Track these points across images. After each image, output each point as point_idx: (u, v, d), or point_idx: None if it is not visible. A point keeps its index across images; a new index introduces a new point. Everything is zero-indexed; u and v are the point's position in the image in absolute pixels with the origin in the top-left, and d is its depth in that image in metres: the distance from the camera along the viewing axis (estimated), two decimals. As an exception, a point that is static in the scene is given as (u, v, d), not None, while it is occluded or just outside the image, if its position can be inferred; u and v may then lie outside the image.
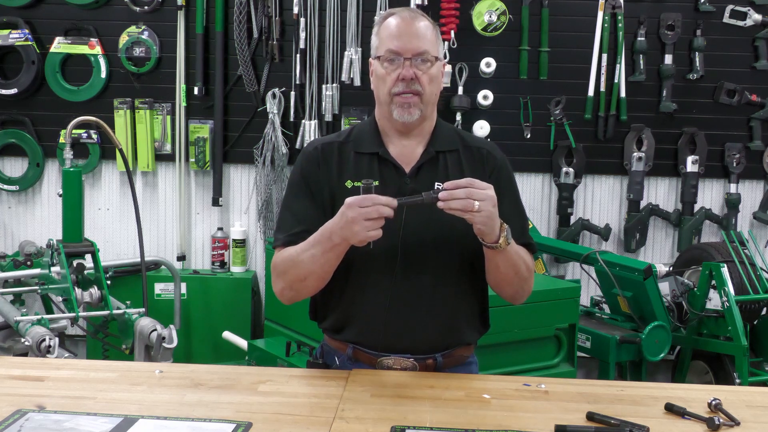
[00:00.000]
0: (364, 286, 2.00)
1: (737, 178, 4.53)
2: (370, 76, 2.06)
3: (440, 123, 2.09)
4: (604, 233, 4.56)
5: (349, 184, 2.00)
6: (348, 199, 1.80)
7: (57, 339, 3.07)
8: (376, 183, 1.85)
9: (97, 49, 4.49)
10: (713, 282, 3.73)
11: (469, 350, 2.12)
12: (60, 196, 3.48)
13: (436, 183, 1.98)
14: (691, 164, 4.50)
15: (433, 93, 2.01)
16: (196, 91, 4.48)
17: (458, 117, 4.43)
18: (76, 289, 3.29)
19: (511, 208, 2.04)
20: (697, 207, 4.56)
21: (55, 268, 3.44)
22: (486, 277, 2.02)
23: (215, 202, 4.59)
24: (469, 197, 1.79)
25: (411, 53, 1.95)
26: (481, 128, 4.43)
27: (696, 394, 1.83)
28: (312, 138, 4.45)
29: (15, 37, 4.47)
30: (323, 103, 4.48)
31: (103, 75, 4.50)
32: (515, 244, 1.95)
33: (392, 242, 1.95)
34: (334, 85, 4.48)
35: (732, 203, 4.53)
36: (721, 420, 1.67)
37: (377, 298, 1.98)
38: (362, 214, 1.78)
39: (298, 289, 1.98)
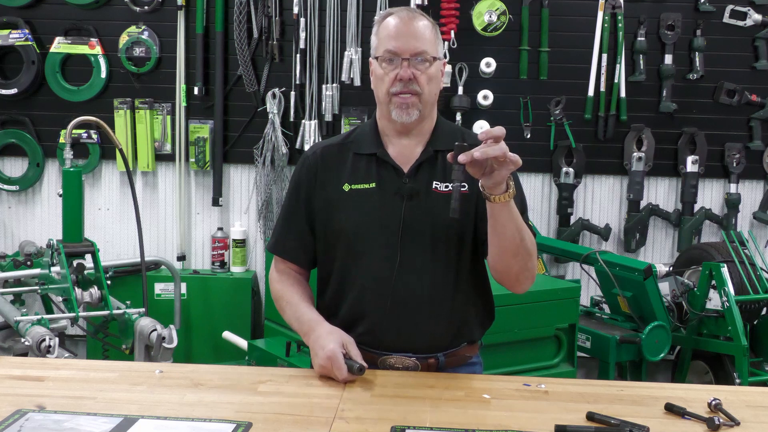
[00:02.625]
0: (366, 286, 2.00)
1: (737, 178, 4.53)
2: (370, 76, 2.06)
3: (441, 122, 2.09)
4: (604, 233, 4.56)
5: (346, 187, 2.01)
6: (329, 353, 1.87)
7: (57, 339, 3.06)
8: (365, 367, 1.88)
9: (97, 49, 4.49)
10: (713, 282, 3.73)
11: (474, 350, 2.12)
12: (60, 196, 3.47)
13: (434, 185, 1.99)
14: (691, 164, 4.50)
15: (432, 93, 2.00)
16: (196, 91, 4.49)
17: (458, 117, 4.43)
18: (76, 289, 3.29)
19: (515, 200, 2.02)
20: (697, 207, 4.56)
21: (55, 268, 3.43)
22: (489, 256, 1.95)
23: (215, 202, 4.59)
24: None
25: (409, 53, 1.95)
26: (481, 128, 4.43)
27: (696, 394, 1.83)
28: (312, 138, 4.45)
29: (15, 37, 4.47)
30: (323, 103, 4.48)
31: (103, 75, 4.51)
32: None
33: (392, 240, 1.96)
34: (334, 85, 4.48)
35: (732, 203, 4.53)
36: (721, 420, 1.67)
37: (379, 298, 1.99)
38: (327, 373, 1.87)
39: None
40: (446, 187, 1.99)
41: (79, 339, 4.57)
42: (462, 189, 1.83)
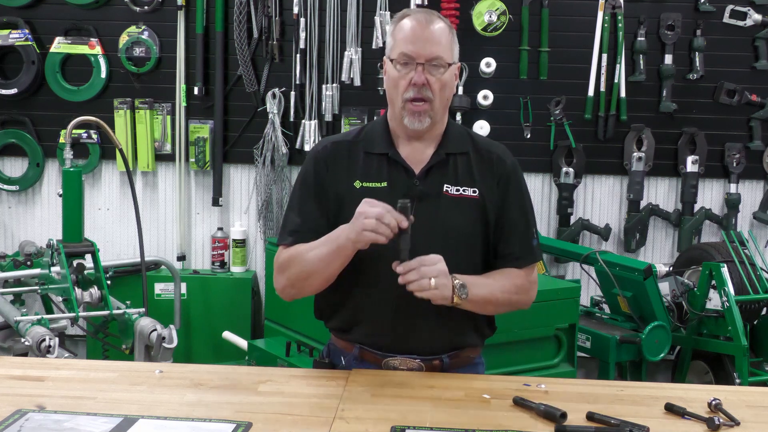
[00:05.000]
0: (371, 286, 2.00)
1: (737, 178, 4.53)
2: (383, 75, 2.06)
3: (451, 124, 2.09)
4: (604, 233, 4.56)
5: (357, 184, 2.00)
6: (368, 199, 1.86)
7: (57, 339, 3.07)
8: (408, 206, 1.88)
9: (97, 49, 4.49)
10: (713, 282, 3.73)
11: (476, 351, 2.12)
12: (60, 196, 3.48)
13: (445, 188, 2.00)
14: (691, 164, 4.50)
15: (444, 99, 2.00)
16: (196, 91, 4.48)
17: (458, 117, 4.44)
18: (76, 289, 3.29)
19: (516, 215, 2.05)
20: (697, 207, 4.56)
21: (55, 268, 3.44)
22: None
23: (215, 202, 4.59)
24: (423, 276, 1.84)
25: (424, 58, 1.94)
26: (481, 128, 4.43)
27: (696, 394, 1.84)
28: (312, 138, 4.45)
29: (15, 37, 4.47)
30: (323, 103, 4.48)
31: (103, 75, 4.50)
32: (484, 280, 1.97)
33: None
34: (334, 85, 4.48)
35: (732, 203, 4.53)
36: (721, 420, 1.67)
37: (384, 299, 1.99)
38: (373, 214, 1.82)
39: (300, 287, 2.01)
40: (457, 191, 2.00)
41: (79, 339, 4.57)
42: (473, 194, 1.99)
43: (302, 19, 4.41)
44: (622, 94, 4.48)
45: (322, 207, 2.02)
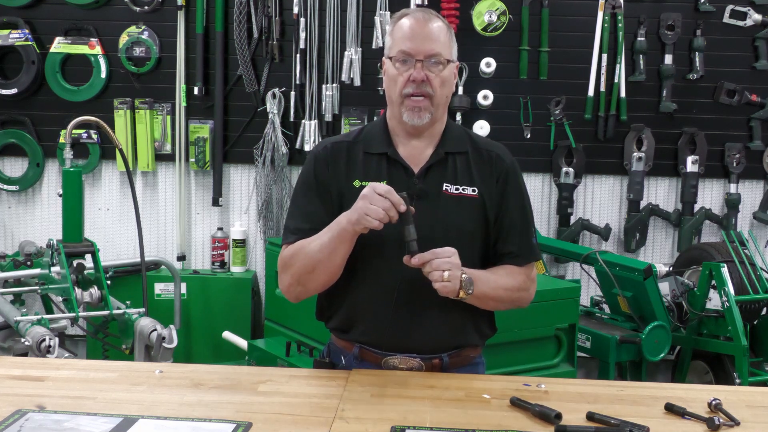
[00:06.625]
0: (371, 285, 2.00)
1: (737, 178, 4.53)
2: (383, 76, 2.07)
3: (450, 124, 2.10)
4: (604, 233, 4.56)
5: (357, 183, 2.01)
6: (374, 183, 1.88)
7: (57, 339, 3.07)
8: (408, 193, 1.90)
9: (97, 49, 4.49)
10: (713, 282, 3.73)
11: (477, 351, 2.12)
12: (60, 196, 3.48)
13: (444, 186, 2.00)
14: (691, 164, 4.50)
15: (444, 95, 2.01)
16: (196, 91, 4.48)
17: (458, 117, 4.44)
18: (76, 289, 3.29)
19: (516, 214, 2.05)
20: (697, 207, 4.56)
21: (55, 268, 3.44)
22: None
23: (215, 202, 4.59)
24: (437, 269, 1.86)
25: (423, 55, 1.96)
26: (481, 128, 4.43)
27: (696, 394, 1.84)
28: (312, 138, 4.45)
29: (15, 37, 4.47)
30: (323, 103, 4.48)
31: (103, 75, 4.51)
32: (489, 276, 1.98)
33: (400, 240, 1.96)
34: (334, 85, 4.48)
35: (732, 203, 4.53)
36: (721, 420, 1.67)
37: (383, 298, 1.99)
38: (375, 198, 1.83)
39: (305, 282, 1.99)
40: (456, 189, 2.00)
41: (79, 339, 4.57)
42: (473, 194, 1.99)
43: (302, 19, 4.41)
44: (622, 94, 4.48)
45: (326, 205, 2.02)
